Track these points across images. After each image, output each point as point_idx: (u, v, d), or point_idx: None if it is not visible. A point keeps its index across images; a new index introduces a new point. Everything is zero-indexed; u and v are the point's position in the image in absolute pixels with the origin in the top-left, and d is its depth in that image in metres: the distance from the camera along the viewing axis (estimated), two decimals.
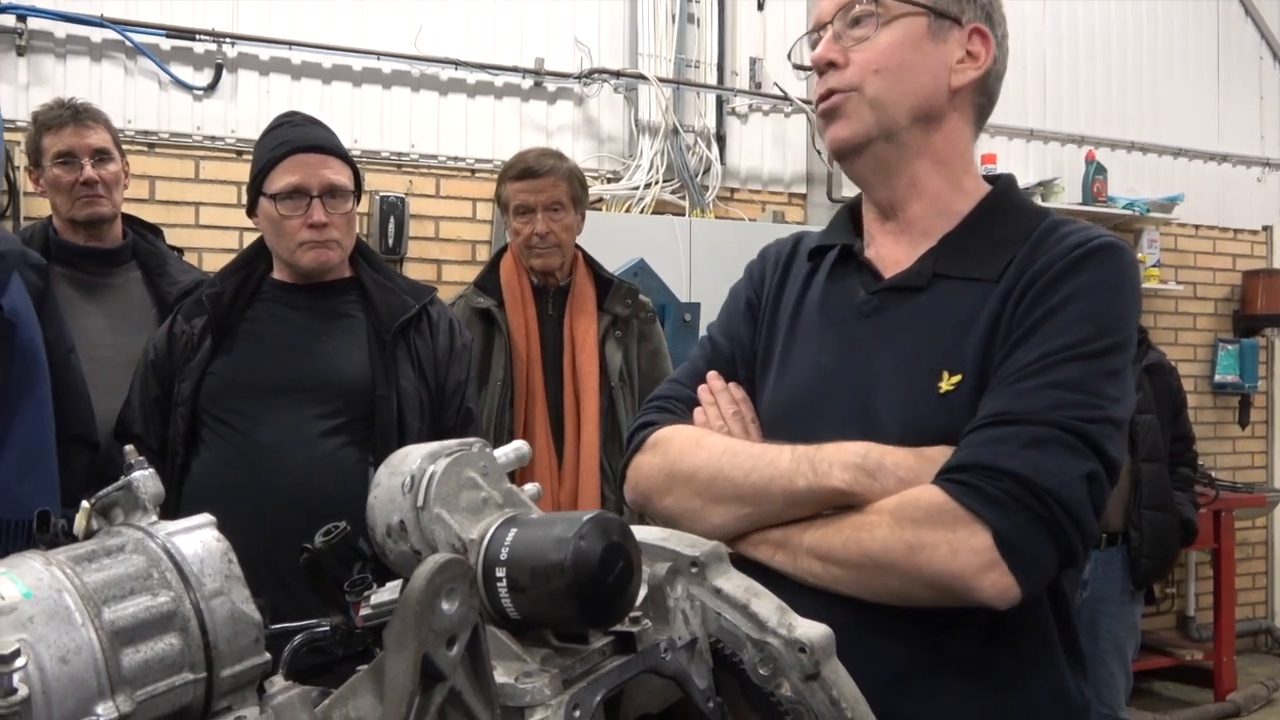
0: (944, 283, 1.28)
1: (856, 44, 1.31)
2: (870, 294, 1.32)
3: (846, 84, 1.31)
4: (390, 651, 0.69)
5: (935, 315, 1.27)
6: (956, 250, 1.31)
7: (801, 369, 1.35)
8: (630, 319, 2.96)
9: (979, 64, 1.33)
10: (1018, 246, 1.27)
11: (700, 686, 0.90)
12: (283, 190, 2.26)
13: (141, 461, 0.74)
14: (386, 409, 2.25)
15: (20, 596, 0.62)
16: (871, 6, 1.31)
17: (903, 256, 1.34)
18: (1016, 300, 1.22)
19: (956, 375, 1.21)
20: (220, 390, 2.26)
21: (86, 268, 2.75)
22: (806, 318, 1.38)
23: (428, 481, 0.86)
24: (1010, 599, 1.10)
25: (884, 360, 1.27)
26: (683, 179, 4.76)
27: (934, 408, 1.21)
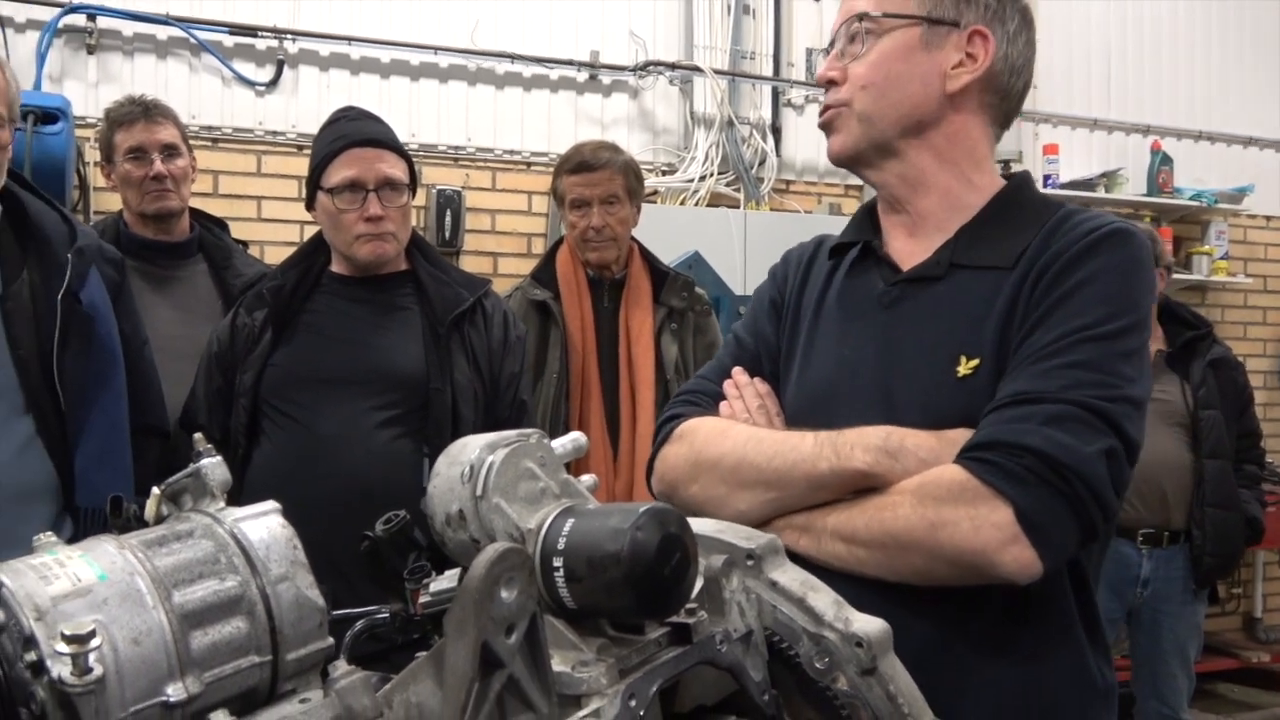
0: (961, 272, 1.32)
1: (850, 59, 1.37)
2: (889, 285, 1.37)
3: (838, 100, 1.37)
4: (450, 638, 0.70)
5: (953, 303, 1.30)
6: (972, 241, 1.34)
7: (824, 362, 1.39)
8: (686, 311, 2.96)
9: (976, 66, 1.34)
10: (1032, 235, 1.30)
11: (755, 679, 0.90)
12: (339, 184, 2.30)
13: (210, 449, 0.76)
14: (441, 401, 2.28)
15: (95, 579, 0.64)
16: (866, 24, 1.36)
17: (919, 250, 1.37)
18: (1032, 285, 1.25)
19: (974, 359, 1.25)
20: (280, 381, 2.30)
21: (155, 261, 2.81)
22: (828, 312, 1.42)
23: (486, 471, 0.87)
24: (1032, 573, 1.12)
25: (904, 348, 1.31)
26: (738, 171, 4.74)
27: (953, 391, 1.25)
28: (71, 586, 0.63)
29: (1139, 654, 3.70)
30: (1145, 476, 3.50)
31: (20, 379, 1.96)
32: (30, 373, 1.96)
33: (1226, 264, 5.62)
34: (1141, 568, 3.53)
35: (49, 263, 2.02)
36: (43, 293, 2.00)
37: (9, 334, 1.96)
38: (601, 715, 0.76)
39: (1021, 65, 1.39)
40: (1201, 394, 3.55)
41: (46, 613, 0.61)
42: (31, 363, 1.97)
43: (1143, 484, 3.50)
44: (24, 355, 1.96)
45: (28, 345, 1.97)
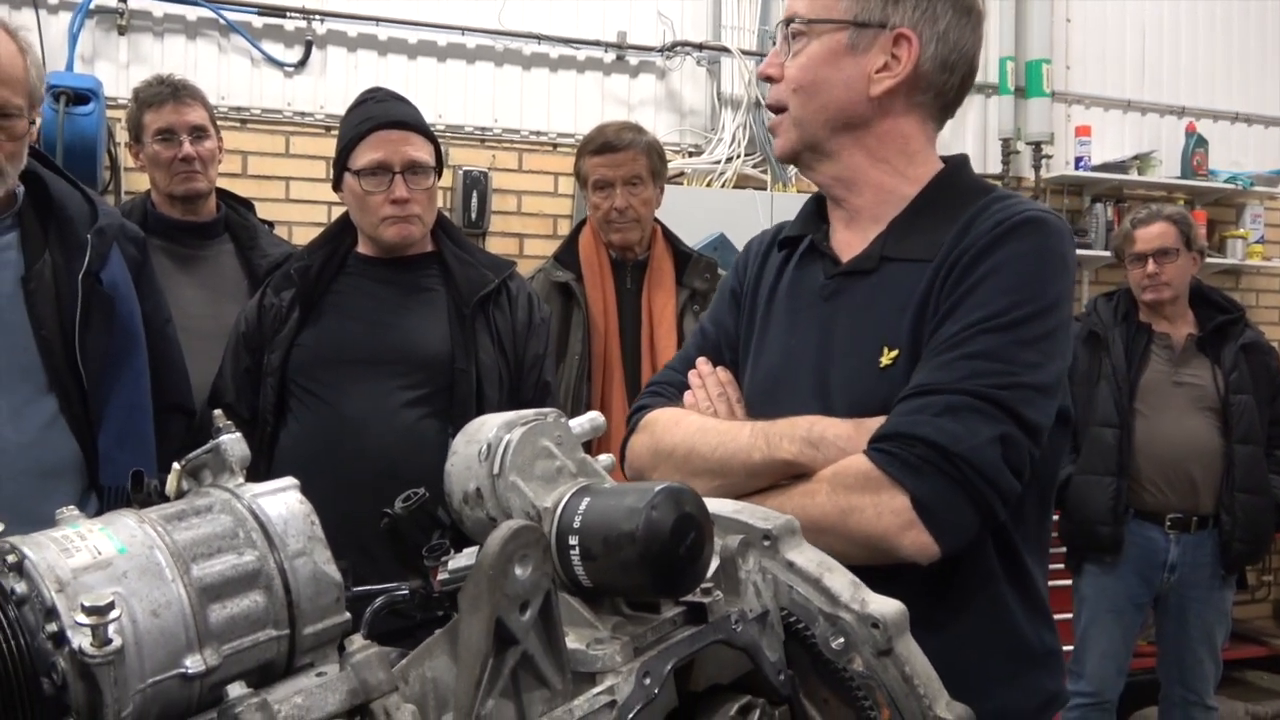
0: (891, 265, 1.38)
1: (789, 58, 1.41)
2: (828, 278, 1.44)
3: (777, 102, 1.43)
4: (465, 614, 0.70)
5: (882, 295, 1.37)
6: (902, 234, 1.40)
7: (773, 351, 1.47)
8: (709, 293, 2.95)
9: (899, 70, 1.38)
10: (953, 225, 1.35)
11: (771, 659, 0.90)
12: (366, 166, 2.31)
13: (229, 426, 0.77)
14: (466, 382, 2.29)
15: (115, 552, 0.65)
16: (796, 26, 1.40)
17: (857, 242, 1.43)
18: (944, 278, 1.31)
19: (894, 350, 1.32)
20: (307, 362, 2.32)
21: (182, 240, 2.84)
22: (779, 303, 1.49)
23: (504, 450, 0.87)
24: (930, 555, 1.20)
25: (838, 339, 1.39)
26: (765, 153, 4.71)
27: (876, 381, 1.32)
28: (92, 559, 0.64)
29: (1166, 640, 3.67)
30: (1173, 461, 3.46)
31: (43, 359, 1.99)
32: (53, 352, 1.99)
33: (1262, 248, 5.52)
34: (1169, 553, 3.50)
35: (71, 243, 2.04)
36: (64, 273, 2.02)
37: (32, 314, 1.98)
38: (616, 693, 0.77)
39: (957, 60, 1.41)
40: (1233, 379, 3.51)
41: (67, 585, 0.62)
42: (54, 342, 1.99)
43: (1171, 469, 3.46)
44: (46, 335, 1.98)
45: (50, 325, 1.99)
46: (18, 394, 1.97)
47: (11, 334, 1.97)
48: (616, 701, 0.77)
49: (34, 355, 1.98)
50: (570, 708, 0.74)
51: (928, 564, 1.21)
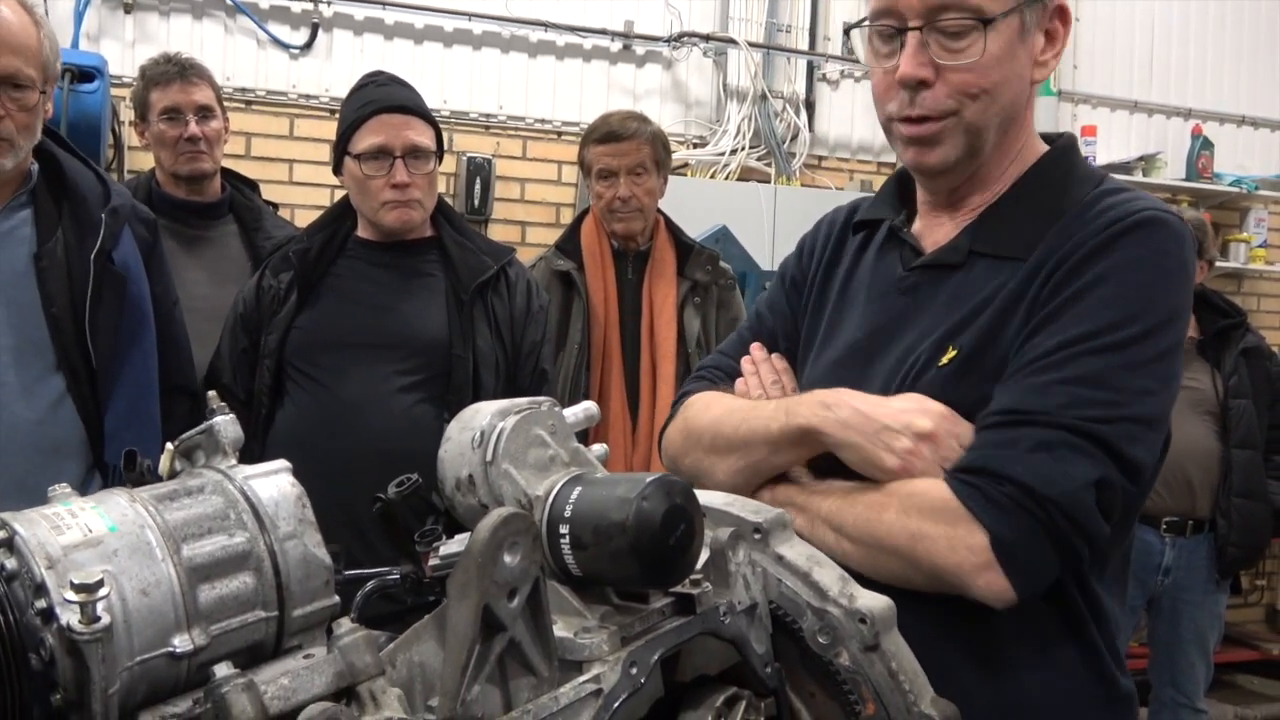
0: (979, 260, 1.26)
1: (950, 57, 1.20)
2: (907, 270, 1.32)
3: (942, 109, 1.22)
4: (453, 600, 0.70)
5: (965, 293, 1.25)
6: (994, 225, 1.27)
7: (840, 343, 1.36)
8: (710, 285, 2.95)
9: (1057, 45, 1.26)
10: (1053, 221, 1.23)
11: (758, 651, 0.91)
12: (367, 150, 2.31)
13: (223, 407, 0.77)
14: (463, 368, 2.30)
15: (106, 530, 0.65)
16: (969, 19, 1.19)
17: (943, 230, 1.32)
18: (1043, 281, 1.18)
19: (955, 350, 1.21)
20: (304, 344, 2.32)
21: (186, 221, 2.83)
22: (853, 292, 1.39)
23: (497, 437, 0.88)
24: (1005, 600, 1.09)
25: (909, 337, 1.27)
26: (770, 145, 4.71)
27: (931, 379, 1.22)
28: (82, 537, 0.64)
29: (1157, 642, 3.68)
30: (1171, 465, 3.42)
31: (53, 337, 1.99)
32: (63, 331, 1.99)
33: (1265, 252, 5.52)
34: (1164, 555, 3.50)
35: (84, 221, 2.04)
36: (77, 251, 2.02)
37: (43, 291, 1.99)
38: (602, 681, 0.77)
39: None
40: (1233, 383, 3.51)
41: (57, 562, 0.62)
42: (64, 321, 1.99)
43: (1168, 472, 3.46)
44: (57, 313, 1.99)
45: (61, 303, 1.99)
46: (29, 371, 1.97)
47: (23, 311, 1.98)
48: (602, 690, 0.77)
49: (43, 333, 1.98)
50: (556, 695, 0.75)
51: (1001, 608, 1.11)
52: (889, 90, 1.25)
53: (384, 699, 0.66)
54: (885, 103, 1.27)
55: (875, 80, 1.29)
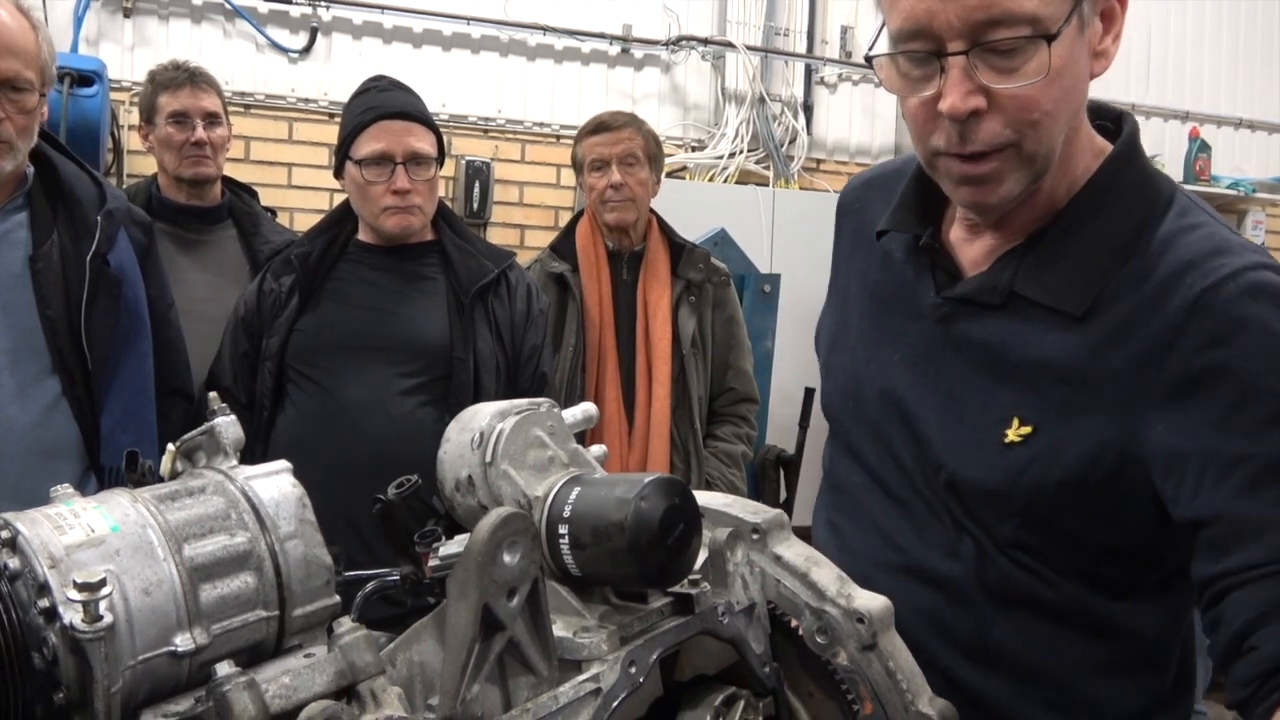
0: (1022, 305, 1.11)
1: (1004, 80, 1.02)
2: (941, 297, 1.17)
3: (999, 142, 1.04)
4: (452, 599, 0.71)
5: (1010, 346, 1.11)
6: (1040, 259, 1.11)
7: (859, 354, 1.27)
8: (704, 284, 2.95)
9: (1116, 25, 1.10)
10: (1110, 268, 1.07)
11: (757, 651, 0.91)
12: (368, 157, 2.32)
13: (224, 408, 0.77)
14: (464, 371, 2.31)
15: (108, 530, 0.66)
16: (1025, 33, 1.00)
17: (984, 252, 1.17)
18: (1141, 364, 1.03)
19: (1027, 427, 1.08)
20: (306, 347, 2.33)
21: (186, 225, 2.84)
22: (881, 303, 1.26)
23: (496, 438, 0.88)
24: None
25: (950, 381, 1.15)
26: (768, 149, 4.72)
27: (996, 456, 1.10)
28: (85, 537, 0.65)
29: None
30: None
31: (48, 339, 1.99)
32: (58, 333, 2.00)
33: None
34: None
35: (79, 224, 2.05)
36: (72, 254, 2.02)
37: (38, 294, 1.99)
38: (601, 680, 0.78)
39: None
40: None
41: (60, 561, 0.63)
42: (60, 323, 2.00)
43: None
44: (52, 316, 1.99)
45: (56, 306, 2.00)
46: (24, 373, 1.98)
47: (18, 314, 1.98)
48: (601, 689, 0.77)
49: (39, 336, 1.99)
50: (555, 694, 0.75)
51: None
52: (930, 122, 1.07)
53: (384, 697, 0.67)
54: (927, 136, 1.08)
55: (910, 109, 1.09)
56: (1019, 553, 1.12)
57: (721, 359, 2.98)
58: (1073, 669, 1.14)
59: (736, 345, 3.01)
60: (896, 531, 1.20)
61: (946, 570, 1.15)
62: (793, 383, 3.81)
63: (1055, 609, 1.13)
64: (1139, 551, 1.11)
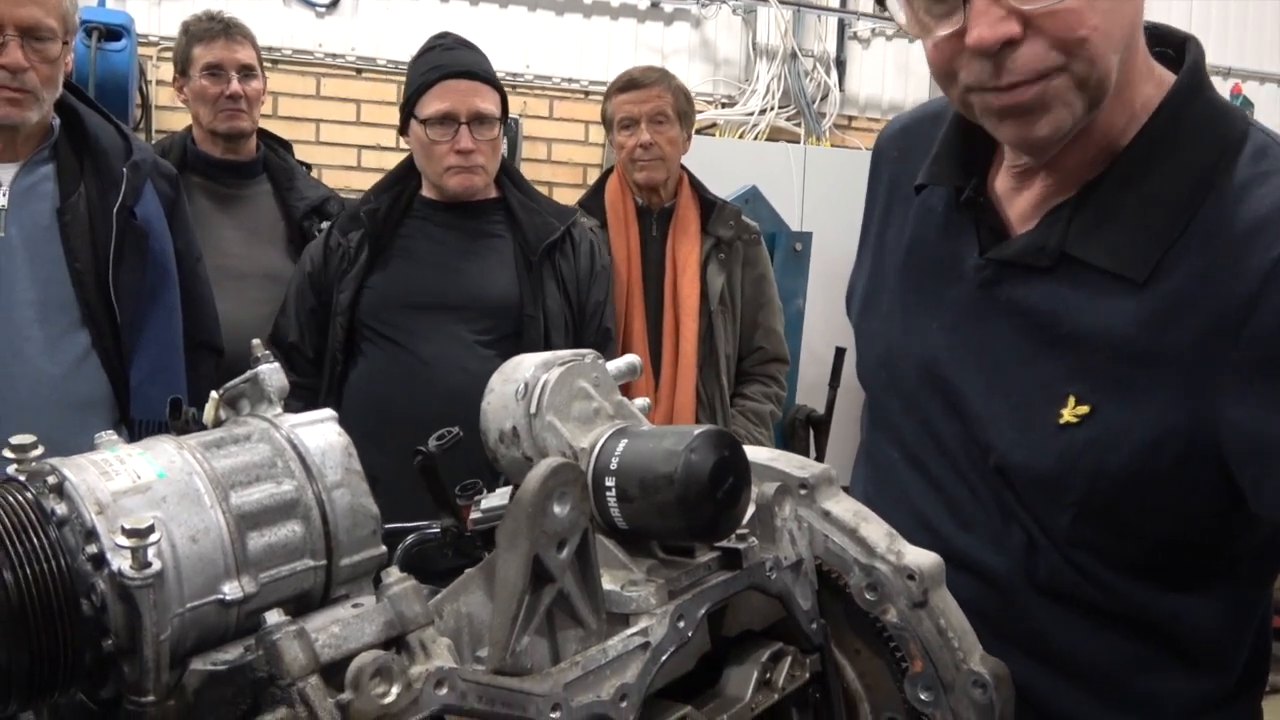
0: (1075, 269, 1.00)
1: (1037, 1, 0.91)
2: (985, 259, 1.07)
3: (1043, 68, 0.93)
4: (502, 550, 0.70)
5: (1063, 315, 1.01)
6: (1095, 214, 1.00)
7: (895, 318, 1.18)
8: (734, 241, 2.92)
9: None
10: (1179, 217, 0.96)
11: (804, 607, 0.90)
12: (433, 116, 2.34)
13: (268, 355, 0.76)
14: (534, 328, 2.34)
15: (155, 477, 0.64)
16: None
17: (1033, 204, 1.06)
18: (1213, 332, 0.93)
19: (1084, 406, 0.99)
20: (378, 304, 2.36)
21: (221, 179, 2.83)
22: (918, 264, 1.17)
23: (541, 389, 0.86)
24: None
25: (995, 352, 1.06)
26: (799, 105, 4.65)
27: (1049, 439, 1.01)
28: (131, 483, 0.63)
29: None
30: None
31: (77, 292, 1.99)
32: (86, 286, 2.00)
33: None
34: None
35: (105, 176, 2.04)
36: (99, 206, 2.02)
37: (66, 247, 1.99)
38: (650, 634, 0.76)
39: None
40: None
41: (107, 507, 0.62)
42: (88, 276, 2.00)
43: None
44: (80, 269, 1.99)
45: (84, 259, 1.99)
46: (54, 326, 1.98)
47: (47, 266, 1.98)
48: (650, 643, 0.76)
49: (68, 289, 1.99)
50: (604, 647, 0.74)
51: None
52: (955, 59, 0.96)
53: (434, 648, 0.65)
54: (954, 74, 0.98)
55: (932, 51, 0.98)
56: (1073, 548, 1.04)
57: (751, 317, 2.95)
58: (1126, 665, 1.06)
59: (766, 304, 2.97)
60: (935, 517, 1.12)
61: (991, 563, 1.07)
62: (823, 342, 3.79)
63: (1109, 605, 1.04)
64: (1202, 541, 1.02)
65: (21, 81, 1.92)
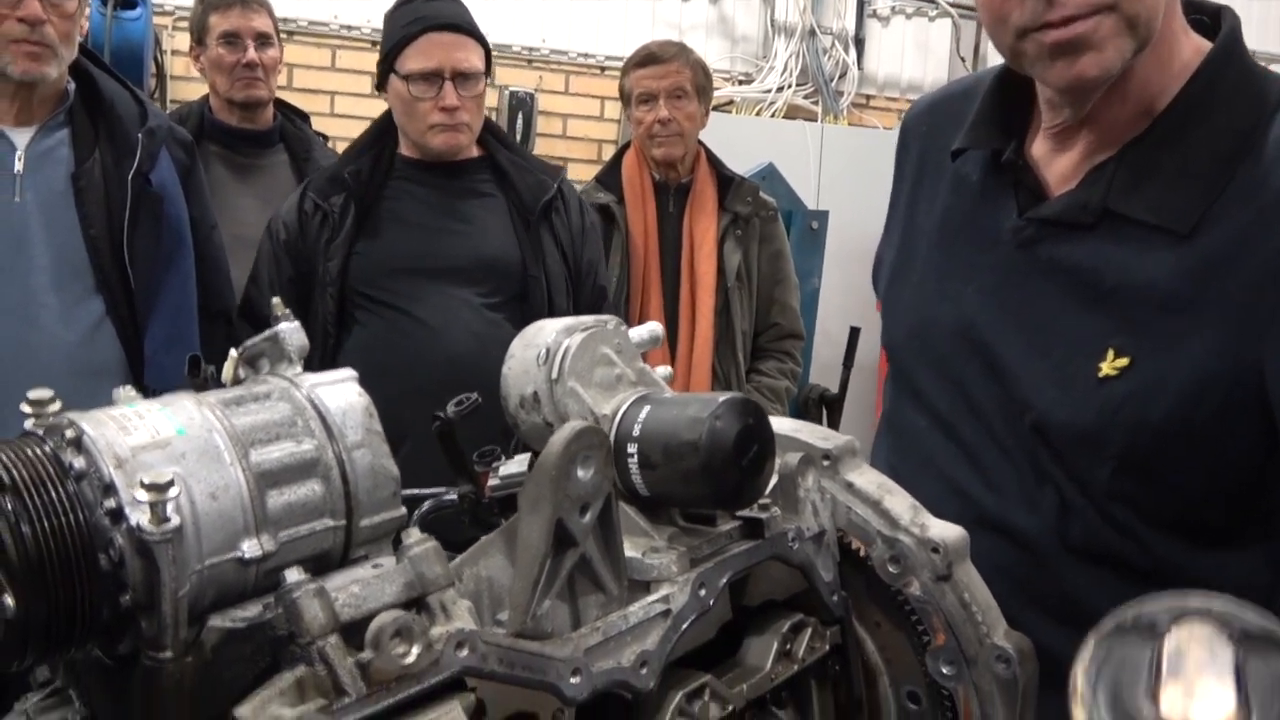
0: (1118, 225, 1.02)
1: None
2: (1024, 219, 1.09)
3: (1092, 3, 0.95)
4: (524, 513, 0.69)
5: (1104, 271, 1.02)
6: (1138, 171, 1.02)
7: (939, 296, 1.18)
8: (751, 217, 2.90)
9: None
10: (1221, 174, 0.98)
11: (825, 579, 0.89)
12: (415, 72, 2.24)
13: (288, 314, 0.75)
14: (538, 289, 2.26)
15: (174, 433, 0.63)
16: None
17: (1073, 165, 1.08)
18: (1258, 281, 0.94)
19: (1124, 359, 1.00)
20: (371, 270, 2.25)
21: (238, 148, 2.82)
22: (952, 232, 1.18)
23: (563, 355, 0.85)
24: None
25: (1034, 311, 1.07)
26: (817, 83, 4.62)
27: (1089, 393, 1.01)
28: (151, 438, 0.63)
29: None
30: None
31: (91, 258, 1.98)
32: (101, 252, 1.98)
33: None
34: None
35: (120, 142, 2.03)
36: (114, 172, 2.00)
37: (81, 212, 1.97)
38: (671, 602, 0.75)
39: None
40: None
41: (126, 462, 0.61)
42: (102, 242, 1.98)
43: None
44: (95, 235, 1.98)
45: (99, 225, 1.98)
46: (68, 293, 1.97)
47: (62, 232, 1.97)
48: (671, 611, 0.75)
49: (82, 255, 1.98)
50: (625, 613, 0.73)
51: None
52: (1006, 3, 0.99)
53: (454, 610, 0.65)
54: (1006, 16, 0.99)
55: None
56: (1110, 503, 1.03)
57: (767, 294, 2.93)
58: None
59: (783, 280, 2.96)
60: (965, 481, 1.12)
61: (1023, 524, 1.07)
62: (837, 322, 3.76)
63: (1143, 564, 1.04)
64: (1238, 493, 1.02)
65: (40, 35, 1.91)
